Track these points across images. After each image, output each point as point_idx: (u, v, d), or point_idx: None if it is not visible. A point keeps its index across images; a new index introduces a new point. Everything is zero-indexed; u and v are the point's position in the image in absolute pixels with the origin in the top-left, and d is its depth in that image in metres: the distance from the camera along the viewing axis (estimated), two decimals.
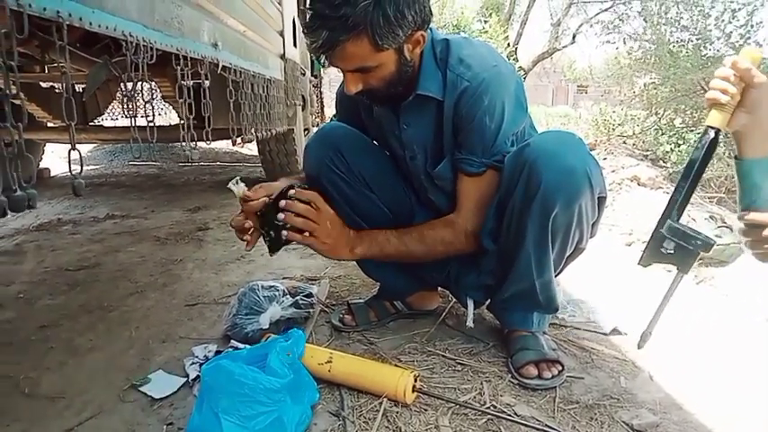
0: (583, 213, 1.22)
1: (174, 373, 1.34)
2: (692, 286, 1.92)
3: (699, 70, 3.94)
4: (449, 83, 1.25)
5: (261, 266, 2.18)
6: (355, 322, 1.57)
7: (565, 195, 1.17)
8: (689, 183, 0.95)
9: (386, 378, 1.20)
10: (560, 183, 1.15)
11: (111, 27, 0.92)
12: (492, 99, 1.22)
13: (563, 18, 14.79)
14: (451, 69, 1.25)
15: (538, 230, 1.22)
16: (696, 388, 1.26)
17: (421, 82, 1.26)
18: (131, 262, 2.27)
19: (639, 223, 2.49)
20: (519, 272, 1.30)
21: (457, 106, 1.25)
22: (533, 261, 1.27)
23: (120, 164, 5.82)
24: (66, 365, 1.39)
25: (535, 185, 1.17)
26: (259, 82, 2.17)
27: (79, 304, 1.79)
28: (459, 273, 1.46)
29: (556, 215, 1.18)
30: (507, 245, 1.30)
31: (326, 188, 1.42)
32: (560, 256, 1.30)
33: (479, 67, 1.23)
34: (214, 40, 1.53)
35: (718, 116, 0.93)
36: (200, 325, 1.63)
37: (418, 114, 1.32)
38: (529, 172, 1.18)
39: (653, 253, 0.98)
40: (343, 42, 1.09)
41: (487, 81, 1.22)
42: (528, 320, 1.39)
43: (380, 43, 1.11)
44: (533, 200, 1.18)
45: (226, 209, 3.36)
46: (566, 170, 1.15)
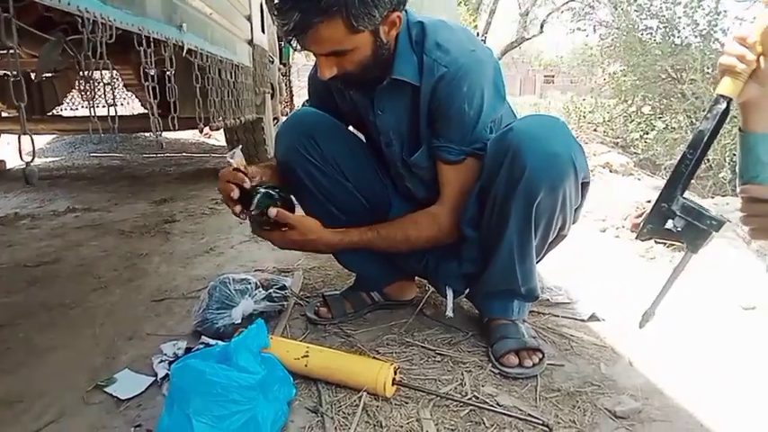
0: (567, 199, 1.20)
1: (141, 371, 1.27)
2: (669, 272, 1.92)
3: (668, 57, 4.00)
4: (425, 68, 1.21)
5: (231, 259, 2.12)
6: (331, 314, 1.52)
7: (549, 181, 1.14)
8: (697, 154, 0.91)
9: (365, 371, 1.17)
10: (545, 168, 1.13)
11: (63, 2, 0.85)
12: (471, 86, 1.19)
13: (531, 8, 14.89)
14: (428, 54, 1.21)
15: (521, 216, 1.19)
16: (675, 373, 1.26)
17: (396, 66, 1.22)
18: (94, 256, 2.17)
19: (613, 210, 2.51)
20: (501, 259, 1.27)
21: (434, 93, 1.22)
22: (516, 248, 1.24)
23: (81, 155, 5.61)
24: (24, 367, 1.31)
25: (519, 171, 1.14)
26: (226, 68, 2.09)
27: (39, 302, 1.70)
28: (439, 262, 1.43)
29: (540, 201, 1.16)
30: (489, 232, 1.27)
31: (299, 176, 1.38)
32: (543, 242, 1.28)
33: (457, 52, 1.20)
34: (179, 21, 1.45)
35: (731, 84, 0.88)
36: (168, 321, 1.56)
37: (393, 99, 1.28)
38: (513, 157, 1.15)
39: (656, 228, 0.94)
40: (317, 24, 1.03)
41: (466, 67, 1.19)
42: (508, 309, 1.37)
43: (356, 25, 1.06)
44: (517, 185, 1.15)
45: (193, 200, 3.26)
46: (550, 155, 1.13)
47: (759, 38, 0.85)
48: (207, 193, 3.48)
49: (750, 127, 0.91)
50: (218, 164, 4.92)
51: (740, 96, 0.89)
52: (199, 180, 4.04)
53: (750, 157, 0.91)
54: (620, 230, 2.35)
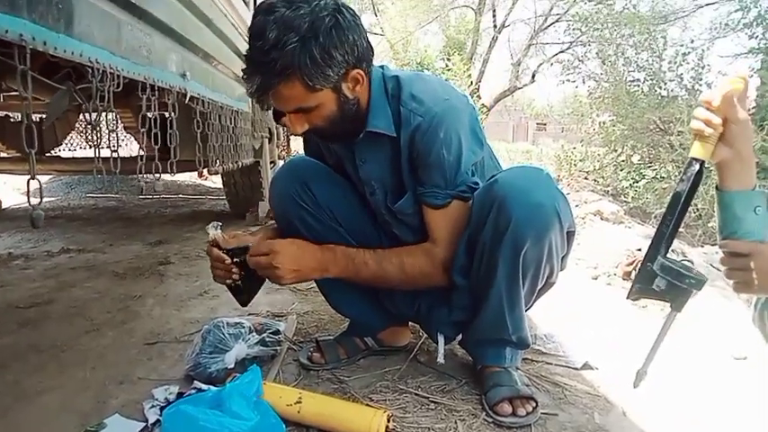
0: (553, 248, 1.22)
1: (132, 417, 1.25)
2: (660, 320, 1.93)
3: (655, 109, 4.12)
4: (402, 119, 1.25)
5: (225, 302, 2.10)
6: (324, 360, 1.52)
7: (535, 231, 1.17)
8: (676, 216, 0.94)
9: (358, 419, 1.16)
10: (530, 219, 1.16)
11: (76, 53, 0.89)
12: (447, 132, 1.22)
13: (523, 58, 15.32)
14: (404, 105, 1.25)
15: (509, 266, 1.21)
16: (669, 424, 1.26)
17: (370, 120, 1.26)
18: (87, 298, 2.16)
19: (604, 257, 2.53)
20: (490, 307, 1.28)
21: (412, 143, 1.25)
22: (504, 297, 1.26)
23: (77, 196, 5.63)
24: (12, 411, 1.29)
25: (505, 222, 1.16)
26: (226, 113, 2.14)
27: (29, 343, 1.68)
28: (430, 308, 1.44)
29: (526, 251, 1.18)
30: (478, 281, 1.29)
31: (293, 222, 1.42)
32: (531, 290, 1.30)
33: (431, 102, 1.24)
34: (182, 69, 1.50)
35: (701, 148, 0.92)
36: (160, 365, 1.55)
37: (373, 150, 1.32)
38: (498, 208, 1.17)
39: (643, 288, 0.97)
40: (276, 86, 1.10)
41: (440, 115, 1.22)
42: (501, 356, 1.37)
43: (312, 84, 1.11)
44: (503, 236, 1.17)
45: (188, 242, 3.26)
46: (535, 206, 1.16)
47: (721, 103, 0.89)
48: (202, 235, 3.44)
49: (726, 185, 0.95)
50: (213, 206, 4.95)
51: (713, 158, 0.93)
52: (195, 222, 4.05)
53: (728, 214, 0.94)
54: (612, 278, 2.37)
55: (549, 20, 14.01)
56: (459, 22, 17.46)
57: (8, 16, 0.69)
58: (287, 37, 1.05)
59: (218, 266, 1.36)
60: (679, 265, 0.94)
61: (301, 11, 1.07)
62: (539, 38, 14.79)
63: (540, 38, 14.82)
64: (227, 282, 1.38)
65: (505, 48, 25.77)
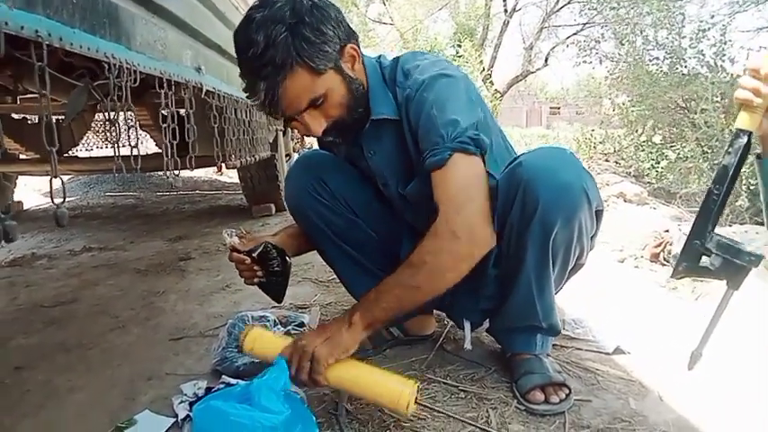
0: (582, 228, 1.19)
1: (161, 412, 1.25)
2: (691, 303, 1.90)
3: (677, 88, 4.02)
4: (400, 100, 1.23)
5: (248, 296, 2.11)
6: None
7: (564, 213, 1.13)
8: (724, 189, 0.90)
9: (388, 385, 1.11)
10: (558, 200, 1.12)
11: (92, 48, 0.87)
12: (437, 94, 1.17)
13: (535, 42, 15.11)
14: (399, 86, 1.23)
15: (538, 250, 1.18)
16: (707, 408, 1.22)
17: (373, 107, 1.24)
18: (111, 296, 2.18)
19: (630, 240, 2.49)
20: (519, 294, 1.26)
21: (408, 117, 1.22)
22: (534, 282, 1.23)
23: (96, 195, 5.69)
24: (44, 409, 1.30)
25: (532, 205, 1.13)
26: (242, 107, 2.12)
27: (56, 342, 1.70)
28: (455, 296, 1.42)
29: (556, 234, 1.15)
30: (507, 267, 1.26)
31: (310, 218, 1.41)
32: (561, 273, 1.27)
33: (419, 73, 1.21)
34: (197, 63, 1.48)
35: (749, 118, 0.88)
36: (186, 360, 1.55)
37: (380, 140, 1.30)
38: (524, 192, 1.14)
39: (690, 266, 0.93)
40: (283, 82, 1.07)
41: (428, 81, 1.18)
42: (531, 343, 1.34)
43: (316, 65, 1.08)
44: (531, 219, 1.14)
45: (207, 237, 3.28)
46: (562, 187, 1.12)
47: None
48: (221, 230, 3.47)
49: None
50: (230, 200, 4.96)
51: (759, 130, 0.89)
52: (212, 217, 4.07)
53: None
54: (639, 261, 2.32)
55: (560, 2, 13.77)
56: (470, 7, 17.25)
57: (24, 12, 0.68)
58: (274, 32, 1.04)
59: (242, 269, 1.38)
60: (734, 241, 0.90)
61: (277, 4, 1.07)
62: (551, 20, 14.56)
63: (552, 20, 14.59)
64: (255, 281, 1.40)
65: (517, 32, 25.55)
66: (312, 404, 1.24)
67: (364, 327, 1.15)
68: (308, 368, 1.10)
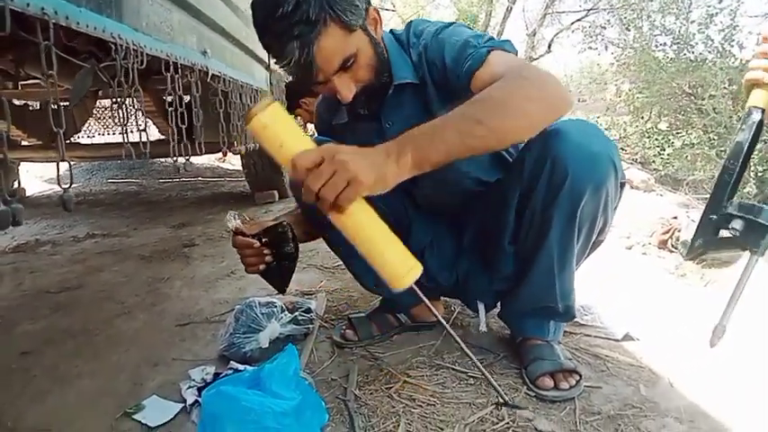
0: (609, 199, 1.17)
1: (169, 398, 1.25)
2: (701, 289, 1.89)
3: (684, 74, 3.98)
4: (415, 60, 1.23)
5: (252, 282, 2.09)
6: (358, 336, 1.50)
7: (593, 183, 1.11)
8: (739, 164, 0.90)
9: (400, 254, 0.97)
10: (588, 170, 1.11)
11: (99, 28, 0.85)
12: (452, 31, 1.20)
13: (538, 28, 14.97)
14: (413, 46, 1.24)
15: (564, 224, 1.16)
16: (719, 394, 1.22)
17: (395, 73, 1.22)
18: (116, 282, 2.17)
19: (637, 227, 2.47)
20: (539, 273, 1.24)
21: (430, 68, 1.21)
22: (556, 258, 1.21)
23: (98, 182, 5.67)
24: (51, 394, 1.29)
25: (561, 176, 1.11)
26: (247, 92, 2.10)
27: (62, 328, 1.69)
28: (468, 277, 1.41)
29: (584, 204, 1.13)
30: (528, 244, 1.25)
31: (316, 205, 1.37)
32: (583, 248, 1.25)
33: (431, 28, 1.23)
34: (203, 47, 1.46)
35: (762, 96, 0.89)
36: (193, 346, 1.54)
37: (400, 108, 1.26)
38: (553, 163, 1.12)
39: (708, 240, 0.92)
40: (317, 40, 1.02)
41: (440, 29, 1.21)
42: (543, 328, 1.33)
43: (348, 21, 1.05)
44: (560, 191, 1.12)
45: (211, 224, 3.27)
46: (592, 157, 1.11)
47: None
48: (224, 216, 3.46)
49: None
50: (233, 188, 4.94)
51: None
52: (215, 204, 4.06)
53: None
54: (647, 247, 2.31)
55: None
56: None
57: None
58: None
59: (248, 253, 1.29)
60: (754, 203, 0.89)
61: None
62: (554, 6, 14.41)
63: (555, 6, 14.44)
64: (261, 268, 1.30)
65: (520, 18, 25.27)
66: (320, 390, 1.24)
67: (414, 163, 0.94)
68: (340, 187, 0.87)
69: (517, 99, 0.98)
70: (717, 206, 0.91)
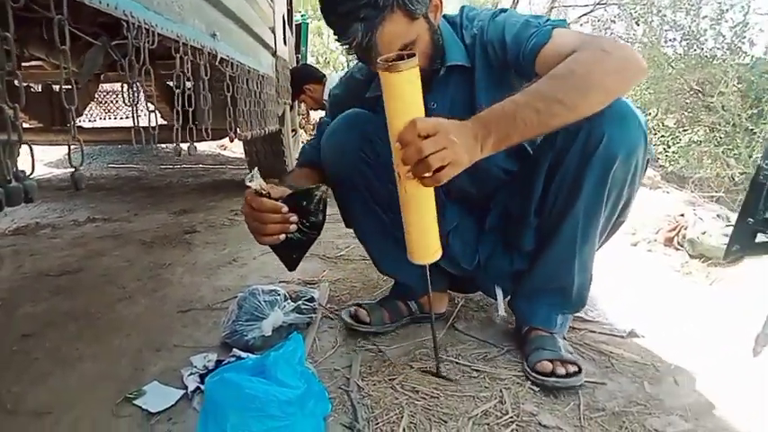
0: (638, 169, 1.18)
1: (170, 384, 1.24)
2: (706, 287, 1.88)
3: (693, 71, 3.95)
4: (468, 42, 1.25)
5: (255, 270, 2.09)
6: (369, 319, 1.46)
7: (626, 146, 1.13)
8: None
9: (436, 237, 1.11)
10: (623, 134, 1.12)
11: (111, 5, 0.83)
12: (508, 16, 1.23)
13: None
14: (465, 29, 1.26)
15: (594, 187, 1.17)
16: (724, 392, 1.21)
17: (447, 54, 1.24)
18: (117, 266, 2.16)
19: (643, 223, 2.46)
20: (562, 241, 1.25)
21: (485, 53, 1.23)
22: (580, 227, 1.22)
23: (99, 166, 5.65)
24: (52, 377, 1.28)
25: (597, 138, 1.12)
26: (253, 78, 2.08)
27: (63, 311, 1.68)
28: (490, 258, 1.43)
29: (616, 169, 1.14)
30: (553, 211, 1.25)
31: (350, 176, 1.35)
32: (607, 221, 1.25)
33: (487, 11, 1.27)
34: (212, 29, 1.44)
35: None
36: (195, 332, 1.53)
37: (446, 89, 1.28)
38: (589, 129, 1.12)
39: (746, 244, 0.91)
40: (380, 24, 1.06)
41: (496, 12, 1.24)
42: (551, 319, 1.34)
43: (413, 9, 1.09)
44: (593, 154, 1.13)
45: (212, 211, 3.25)
46: (627, 120, 1.12)
47: None
48: (226, 203, 3.48)
49: None
50: (234, 175, 4.92)
51: None
52: (217, 191, 4.04)
53: None
54: (653, 244, 2.29)
55: None
56: None
57: None
58: None
59: (271, 219, 1.11)
60: None
61: None
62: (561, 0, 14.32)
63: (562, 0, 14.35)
64: (281, 238, 1.14)
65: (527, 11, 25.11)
66: (323, 379, 1.23)
67: (495, 145, 0.98)
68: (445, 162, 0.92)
69: (596, 74, 1.00)
70: (753, 209, 0.89)
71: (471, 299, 1.72)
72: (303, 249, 1.20)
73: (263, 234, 1.13)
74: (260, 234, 1.13)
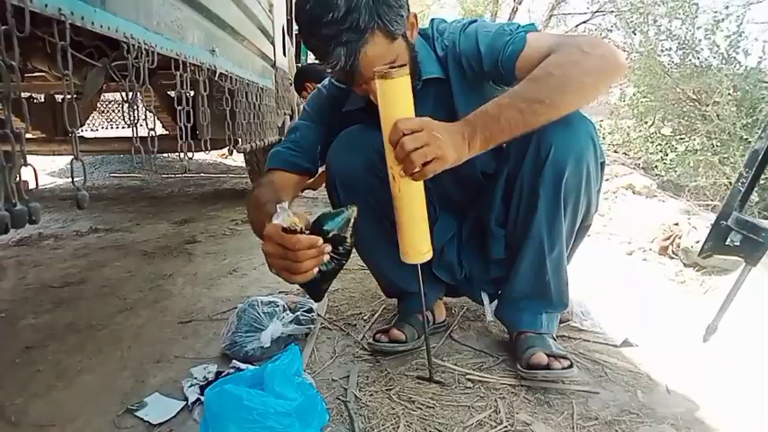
0: (591, 175, 1.23)
1: (170, 395, 1.26)
2: (700, 296, 1.90)
3: (689, 80, 3.98)
4: (440, 54, 1.28)
5: (254, 280, 2.11)
6: (405, 337, 1.43)
7: (574, 153, 1.18)
8: (753, 172, 0.92)
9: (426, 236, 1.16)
10: (569, 141, 1.18)
11: (112, 28, 0.86)
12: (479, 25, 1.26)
13: (544, 29, 14.96)
14: (437, 41, 1.29)
15: (550, 198, 1.22)
16: (715, 401, 1.23)
17: (422, 68, 1.26)
18: (118, 277, 2.18)
19: (638, 232, 2.48)
20: (529, 253, 1.29)
21: (458, 63, 1.26)
22: (545, 235, 1.26)
23: (101, 176, 5.68)
24: (54, 389, 1.31)
25: (545, 150, 1.18)
26: (252, 90, 2.11)
27: (66, 323, 1.70)
28: (472, 266, 1.48)
29: (567, 177, 1.19)
30: (517, 223, 1.30)
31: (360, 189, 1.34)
32: (571, 227, 1.29)
33: (455, 23, 1.30)
34: (211, 45, 1.47)
35: None
36: (195, 343, 1.55)
37: (425, 102, 1.27)
38: (538, 141, 1.19)
39: (716, 244, 0.96)
40: (363, 47, 1.06)
41: (466, 23, 1.27)
42: (537, 321, 1.37)
43: (393, 30, 1.09)
44: (544, 166, 1.19)
45: (213, 221, 3.28)
46: (571, 129, 1.17)
47: None
48: (226, 213, 3.51)
49: None
50: (235, 184, 4.95)
51: None
52: (218, 200, 4.07)
53: None
54: (648, 253, 2.31)
55: None
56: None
57: None
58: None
59: (309, 255, 0.95)
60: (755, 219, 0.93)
61: None
62: (560, 8, 14.42)
63: (561, 8, 14.45)
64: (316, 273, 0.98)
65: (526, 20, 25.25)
66: (321, 390, 1.25)
67: (482, 144, 1.04)
68: (429, 158, 0.98)
69: (575, 75, 1.05)
70: (728, 213, 0.94)
71: (468, 308, 1.74)
72: (333, 278, 1.07)
73: (298, 273, 0.96)
74: (294, 274, 0.96)
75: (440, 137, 0.99)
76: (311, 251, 0.95)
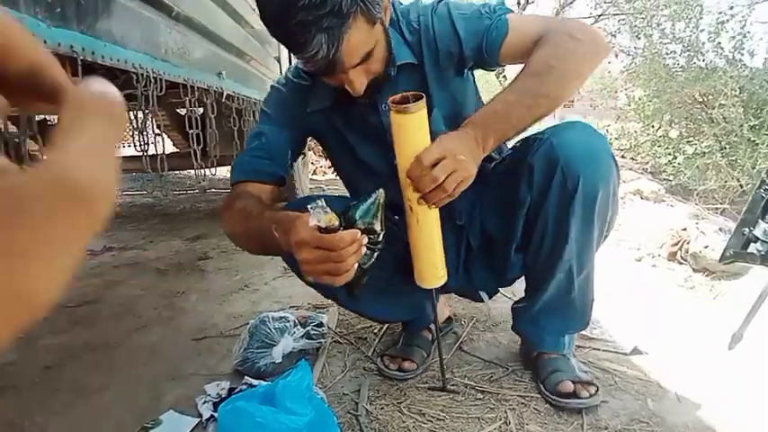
0: (616, 194, 1.21)
1: (185, 412, 1.28)
2: (710, 302, 1.89)
3: (694, 83, 3.97)
4: (412, 43, 1.21)
5: (266, 295, 2.14)
6: (416, 364, 1.44)
7: (602, 181, 1.15)
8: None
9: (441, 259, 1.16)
10: (596, 171, 1.14)
11: (121, 60, 0.90)
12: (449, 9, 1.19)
13: None
14: (404, 26, 1.21)
15: (581, 226, 1.19)
16: (725, 409, 1.23)
17: (396, 54, 1.17)
18: (133, 295, 2.22)
19: (647, 238, 2.47)
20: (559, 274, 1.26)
21: (429, 46, 1.20)
22: (575, 259, 1.23)
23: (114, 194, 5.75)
24: (73, 408, 1.34)
25: (573, 183, 1.14)
26: (258, 109, 2.15)
27: (83, 342, 1.74)
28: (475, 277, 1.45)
29: (598, 206, 1.16)
30: (542, 253, 1.26)
31: None
32: (598, 246, 1.27)
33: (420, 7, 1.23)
34: (218, 68, 1.51)
35: None
36: (209, 360, 1.58)
37: (396, 89, 1.15)
38: (564, 172, 1.14)
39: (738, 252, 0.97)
40: (346, 33, 0.97)
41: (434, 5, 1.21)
42: (559, 342, 1.36)
43: (374, 13, 1.01)
44: (574, 198, 1.15)
45: (224, 237, 3.25)
46: (595, 158, 1.15)
47: None
48: None
49: None
50: None
51: None
52: None
53: None
54: (657, 259, 2.31)
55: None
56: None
57: (61, 30, 0.70)
58: None
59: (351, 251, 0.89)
60: None
61: None
62: (565, 12, 14.40)
63: (566, 12, 14.43)
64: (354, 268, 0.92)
65: None
66: (332, 404, 1.27)
67: (494, 144, 1.07)
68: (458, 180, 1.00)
69: (572, 65, 1.08)
70: (752, 221, 0.94)
71: (478, 319, 1.75)
72: (371, 270, 1.01)
73: (342, 274, 0.90)
74: (337, 275, 0.90)
75: (464, 158, 0.99)
76: (351, 248, 0.89)
